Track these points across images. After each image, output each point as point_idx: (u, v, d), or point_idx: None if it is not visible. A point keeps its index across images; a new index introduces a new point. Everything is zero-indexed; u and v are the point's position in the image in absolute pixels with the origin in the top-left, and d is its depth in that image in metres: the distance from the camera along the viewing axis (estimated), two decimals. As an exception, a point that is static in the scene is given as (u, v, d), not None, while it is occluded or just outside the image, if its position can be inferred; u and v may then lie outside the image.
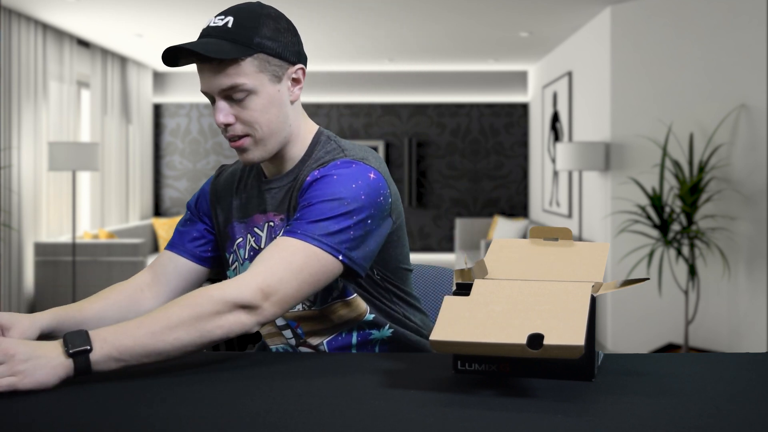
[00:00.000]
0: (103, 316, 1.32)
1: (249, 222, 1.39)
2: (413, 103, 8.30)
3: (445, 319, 1.03)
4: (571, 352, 0.94)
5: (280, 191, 1.35)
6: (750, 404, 0.94)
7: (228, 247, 1.42)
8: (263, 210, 1.37)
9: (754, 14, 4.45)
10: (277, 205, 1.35)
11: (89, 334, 1.05)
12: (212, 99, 1.29)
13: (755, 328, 4.42)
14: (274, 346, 1.42)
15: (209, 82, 1.25)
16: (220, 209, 1.43)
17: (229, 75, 1.24)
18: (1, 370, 0.98)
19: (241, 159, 1.32)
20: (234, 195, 1.43)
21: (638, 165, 4.91)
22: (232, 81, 1.24)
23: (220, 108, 1.26)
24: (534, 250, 1.25)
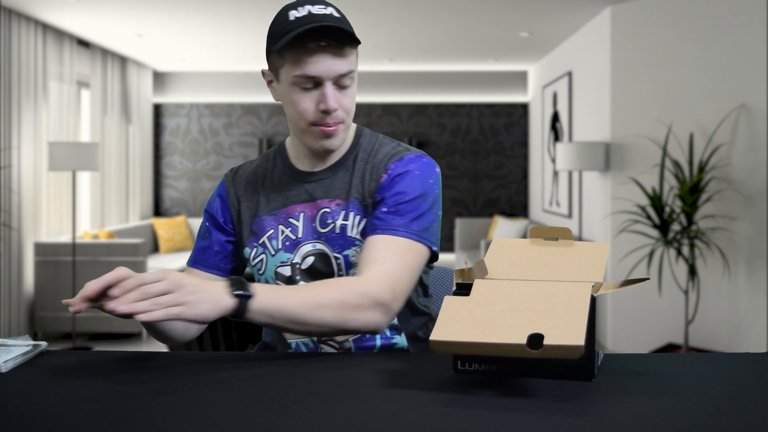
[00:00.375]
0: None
1: (280, 214, 1.40)
2: (413, 103, 8.30)
3: (445, 319, 1.03)
4: (571, 352, 0.94)
5: (334, 180, 1.39)
6: (750, 404, 0.94)
7: (251, 242, 1.41)
8: (306, 200, 1.39)
9: (754, 14, 4.45)
10: (331, 192, 1.39)
11: (252, 285, 1.13)
12: (313, 84, 1.29)
13: (755, 328, 4.42)
14: (294, 341, 1.41)
15: (327, 66, 1.27)
16: (245, 207, 1.43)
17: (346, 61, 1.29)
18: (171, 298, 1.05)
19: (324, 145, 1.34)
20: (260, 191, 1.44)
21: (638, 165, 4.91)
22: (348, 67, 1.29)
23: (330, 94, 1.29)
24: (534, 250, 1.25)
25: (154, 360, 1.18)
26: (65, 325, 5.29)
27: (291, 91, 1.31)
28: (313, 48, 1.26)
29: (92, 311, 5.28)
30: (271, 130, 8.29)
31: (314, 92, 1.30)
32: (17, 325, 5.18)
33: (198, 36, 6.23)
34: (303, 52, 1.27)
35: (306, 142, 1.36)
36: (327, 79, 1.29)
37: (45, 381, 1.05)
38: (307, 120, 1.32)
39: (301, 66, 1.28)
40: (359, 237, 1.35)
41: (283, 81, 1.33)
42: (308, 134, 1.34)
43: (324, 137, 1.33)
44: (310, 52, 1.27)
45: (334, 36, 1.26)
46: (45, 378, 1.06)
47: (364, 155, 1.41)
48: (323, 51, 1.27)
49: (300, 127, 1.34)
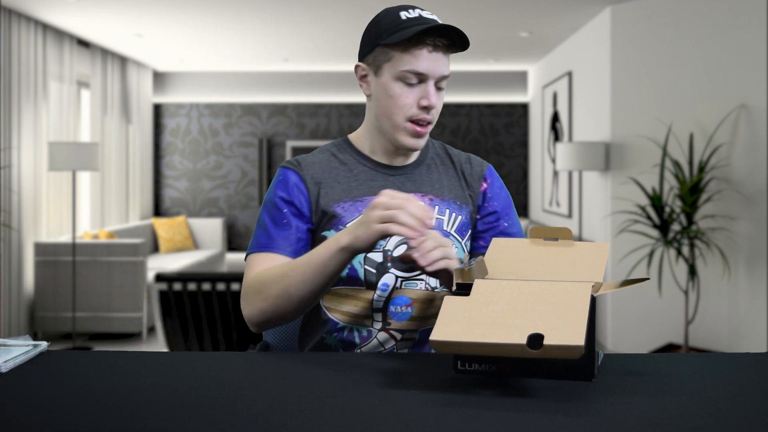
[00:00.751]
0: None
1: (366, 201, 1.42)
2: (413, 103, 8.29)
3: (445, 319, 1.03)
4: (571, 352, 0.94)
5: (421, 175, 1.47)
6: (750, 404, 0.94)
7: (337, 224, 1.40)
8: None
9: (754, 14, 4.45)
10: (422, 187, 1.46)
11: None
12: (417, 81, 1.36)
13: (755, 328, 4.42)
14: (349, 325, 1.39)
15: (435, 66, 1.36)
16: (325, 193, 1.43)
17: (447, 65, 1.38)
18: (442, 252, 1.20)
19: (413, 144, 1.41)
20: (338, 179, 1.45)
21: (638, 165, 4.90)
22: (448, 71, 1.39)
23: (432, 91, 1.37)
24: (534, 250, 1.25)
25: (154, 360, 1.18)
26: (65, 325, 5.29)
27: (393, 85, 1.37)
28: (428, 45, 1.34)
29: (92, 311, 5.28)
30: (271, 130, 8.29)
31: (416, 89, 1.37)
32: (17, 325, 5.18)
33: (198, 36, 6.23)
34: (416, 49, 1.34)
35: (396, 137, 1.41)
36: (432, 78, 1.36)
37: (45, 381, 1.05)
38: (405, 115, 1.38)
39: (411, 61, 1.35)
40: (454, 233, 1.44)
41: (386, 75, 1.38)
42: (401, 131, 1.39)
43: (415, 136, 1.39)
44: (424, 48, 1.34)
45: (452, 37, 1.34)
46: (45, 378, 1.06)
47: (438, 156, 1.52)
48: (436, 50, 1.35)
49: (395, 121, 1.39)
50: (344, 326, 1.40)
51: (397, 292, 1.38)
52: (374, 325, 1.38)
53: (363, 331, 1.39)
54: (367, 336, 1.39)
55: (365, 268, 1.39)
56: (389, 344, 1.38)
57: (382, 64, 1.39)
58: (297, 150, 8.21)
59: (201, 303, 3.50)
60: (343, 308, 1.40)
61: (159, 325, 3.64)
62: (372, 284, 1.38)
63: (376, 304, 1.38)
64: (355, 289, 1.39)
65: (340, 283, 1.39)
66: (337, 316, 1.40)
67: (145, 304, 5.38)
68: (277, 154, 8.27)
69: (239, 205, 8.30)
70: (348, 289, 1.39)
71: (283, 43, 6.57)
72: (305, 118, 8.29)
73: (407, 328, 1.38)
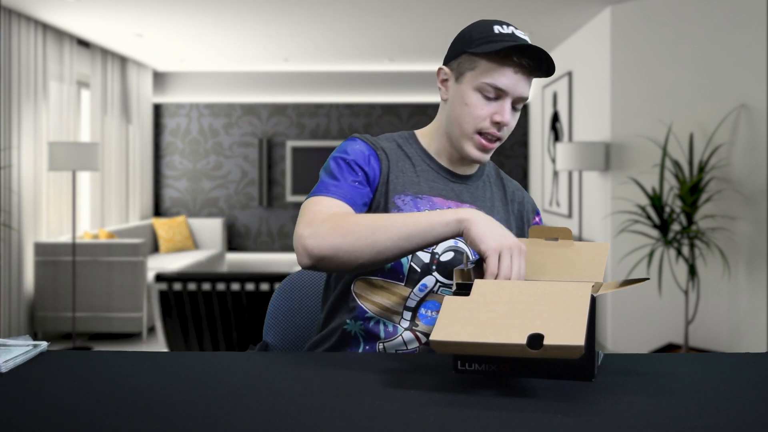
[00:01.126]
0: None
1: (426, 199, 1.41)
2: (413, 103, 8.30)
3: (445, 319, 1.03)
4: (571, 352, 0.94)
5: (477, 191, 1.48)
6: (750, 404, 0.94)
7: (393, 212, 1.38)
8: (453, 198, 1.44)
9: (754, 14, 4.45)
10: (476, 201, 1.46)
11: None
12: (495, 95, 1.36)
13: (755, 328, 4.42)
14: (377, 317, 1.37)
15: (516, 85, 1.36)
16: (394, 177, 1.42)
17: (528, 88, 1.38)
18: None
19: (478, 157, 1.41)
20: (400, 170, 1.43)
21: (638, 165, 4.90)
22: (528, 94, 1.39)
23: (507, 110, 1.37)
24: (534, 250, 1.25)
25: (154, 360, 1.18)
26: (65, 325, 5.29)
27: (471, 94, 1.38)
28: (515, 63, 1.34)
29: (92, 311, 5.28)
30: (271, 130, 8.29)
31: (492, 103, 1.37)
32: (17, 325, 5.18)
33: (198, 36, 6.23)
34: (502, 64, 1.35)
35: (462, 146, 1.41)
36: (510, 96, 1.36)
37: (45, 381, 1.05)
38: (476, 126, 1.38)
39: (494, 75, 1.35)
40: None
41: (466, 83, 1.38)
42: (468, 140, 1.40)
43: (481, 149, 1.40)
44: (509, 65, 1.35)
45: (539, 60, 1.34)
46: (45, 378, 1.06)
47: (491, 175, 1.53)
48: (521, 70, 1.35)
49: (465, 130, 1.39)
50: (372, 317, 1.38)
51: (432, 296, 1.37)
52: (401, 323, 1.37)
53: (389, 326, 1.37)
54: (392, 332, 1.37)
55: (411, 264, 1.37)
56: (413, 345, 1.37)
57: (465, 71, 1.39)
58: (297, 150, 8.21)
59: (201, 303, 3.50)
60: (375, 299, 1.38)
61: (159, 325, 3.64)
62: (412, 282, 1.37)
63: (410, 302, 1.37)
64: (391, 283, 1.37)
65: (379, 273, 1.38)
66: (367, 305, 1.38)
67: (145, 304, 5.38)
68: (277, 154, 8.27)
69: (239, 205, 8.30)
70: (384, 281, 1.38)
71: (283, 43, 6.57)
72: (305, 118, 8.29)
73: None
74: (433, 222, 1.22)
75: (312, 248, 1.26)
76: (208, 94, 8.30)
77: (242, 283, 3.48)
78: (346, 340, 1.40)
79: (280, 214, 8.32)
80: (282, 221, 8.33)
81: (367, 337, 1.38)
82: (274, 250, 8.35)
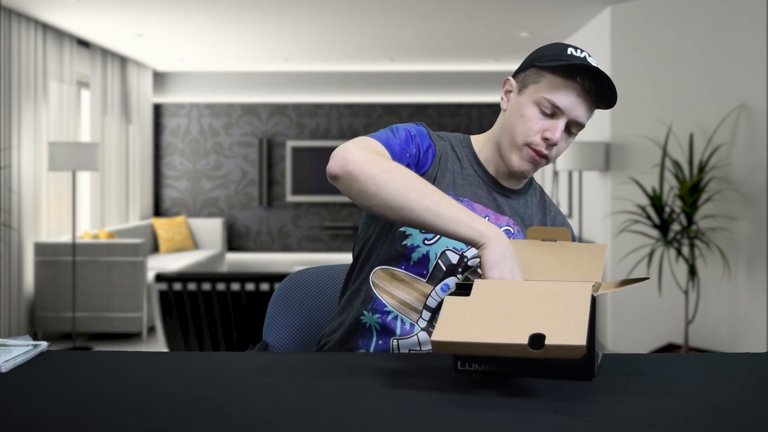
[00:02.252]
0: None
1: (466, 203, 1.40)
2: (413, 103, 8.30)
3: (446, 320, 1.03)
4: (573, 352, 0.94)
5: (518, 206, 1.46)
6: (750, 404, 0.94)
7: None
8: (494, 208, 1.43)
9: (754, 14, 4.45)
10: (515, 216, 1.45)
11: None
12: (551, 112, 1.36)
13: (755, 328, 4.42)
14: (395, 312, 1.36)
15: (576, 109, 1.35)
16: (440, 172, 1.42)
17: (588, 115, 1.38)
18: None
19: (524, 168, 1.39)
20: (448, 168, 1.43)
21: (638, 165, 4.90)
22: (585, 121, 1.38)
23: (560, 127, 1.35)
24: (532, 250, 1.25)
25: (154, 360, 1.18)
26: (65, 325, 5.29)
27: (529, 107, 1.37)
28: (577, 84, 1.34)
29: (92, 311, 5.28)
30: (271, 130, 8.29)
31: (547, 120, 1.37)
32: (17, 325, 5.18)
33: (198, 36, 6.23)
34: (566, 83, 1.34)
35: (508, 156, 1.40)
36: (566, 116, 1.35)
37: (45, 381, 1.05)
38: (526, 138, 1.37)
39: (554, 92, 1.35)
40: None
41: (527, 95, 1.38)
42: (516, 151, 1.39)
43: (528, 161, 1.39)
44: (572, 86, 1.34)
45: (603, 88, 1.33)
46: (45, 378, 1.06)
47: (536, 199, 1.51)
48: (583, 93, 1.34)
49: (514, 140, 1.39)
50: (391, 311, 1.36)
51: None
52: (419, 322, 1.36)
53: (406, 324, 1.36)
54: (408, 330, 1.36)
55: (438, 262, 1.36)
56: (427, 347, 1.35)
57: (529, 84, 1.40)
58: (297, 150, 8.21)
59: (201, 303, 3.50)
60: (394, 291, 1.37)
61: (159, 325, 3.64)
62: (434, 280, 1.36)
63: (431, 301, 1.36)
64: (414, 278, 1.36)
65: (403, 264, 1.37)
66: (385, 297, 1.37)
67: (145, 304, 5.38)
68: (277, 154, 8.27)
69: (239, 205, 8.30)
70: (406, 275, 1.37)
71: (283, 43, 6.57)
72: (305, 118, 8.29)
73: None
74: (462, 219, 1.19)
75: (350, 161, 1.22)
76: (208, 94, 8.30)
77: (242, 283, 3.48)
78: (360, 331, 1.38)
79: (280, 214, 8.32)
80: (282, 221, 8.33)
81: (381, 331, 1.36)
82: (274, 250, 8.35)
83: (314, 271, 1.67)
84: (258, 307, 3.47)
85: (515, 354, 0.97)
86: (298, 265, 7.42)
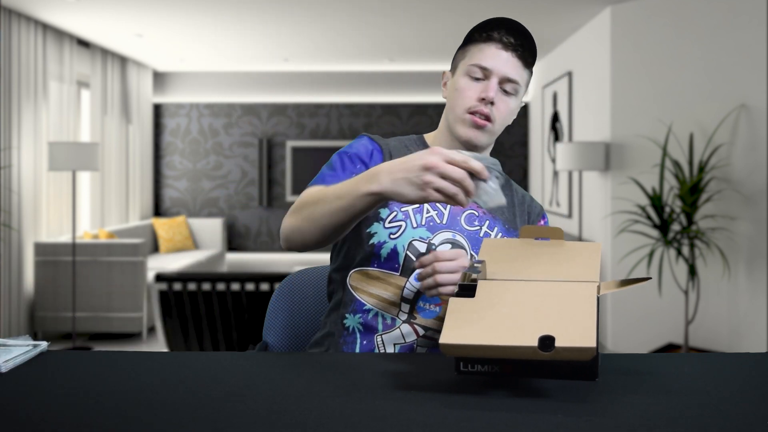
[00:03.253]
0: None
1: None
2: (413, 103, 8.30)
3: (453, 322, 1.02)
4: (583, 354, 0.94)
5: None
6: (750, 404, 0.94)
7: (392, 204, 1.40)
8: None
9: (754, 14, 4.45)
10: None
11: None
12: (482, 76, 1.40)
13: (755, 328, 4.42)
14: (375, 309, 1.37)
15: (501, 64, 1.40)
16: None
17: (517, 72, 1.41)
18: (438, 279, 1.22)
19: (471, 136, 1.42)
20: None
21: (638, 165, 4.90)
22: (517, 76, 1.41)
23: (492, 87, 1.39)
24: (526, 250, 1.24)
25: (154, 360, 1.18)
26: (65, 325, 5.29)
27: (461, 80, 1.43)
28: (496, 40, 1.40)
29: (92, 311, 5.28)
30: (271, 130, 8.29)
31: (480, 83, 1.41)
32: (17, 325, 5.18)
33: (198, 36, 6.23)
34: (486, 44, 1.41)
35: (456, 129, 1.44)
36: (495, 75, 1.40)
37: (45, 381, 1.05)
38: (465, 106, 1.41)
39: (478, 56, 1.41)
40: None
41: (457, 72, 1.45)
42: (460, 122, 1.43)
43: (473, 127, 1.41)
44: (493, 44, 1.40)
45: (519, 37, 1.39)
46: (45, 378, 1.06)
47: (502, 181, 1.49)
48: (504, 48, 1.40)
49: (456, 113, 1.43)
50: (370, 309, 1.37)
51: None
52: (400, 315, 1.37)
53: (387, 319, 1.37)
54: (390, 324, 1.37)
55: (407, 253, 1.38)
56: (411, 338, 1.36)
57: (458, 63, 1.47)
58: (297, 150, 8.21)
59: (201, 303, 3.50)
60: (372, 290, 1.38)
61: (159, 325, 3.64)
62: (407, 271, 1.37)
63: (407, 293, 1.37)
64: (387, 273, 1.38)
65: (375, 263, 1.38)
66: (364, 297, 1.38)
67: (145, 304, 5.38)
68: (277, 154, 8.27)
69: (239, 205, 8.30)
70: (380, 272, 1.38)
71: (283, 43, 6.57)
72: (305, 118, 8.29)
73: (432, 327, 1.37)
74: (352, 197, 1.20)
75: (282, 235, 1.36)
76: (208, 94, 8.30)
77: (242, 283, 3.48)
78: (343, 336, 1.39)
79: (280, 214, 8.31)
80: (282, 221, 8.33)
81: (365, 331, 1.37)
82: (274, 250, 8.35)
83: (314, 271, 1.67)
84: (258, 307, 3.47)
85: (525, 356, 0.96)
86: (298, 265, 7.42)
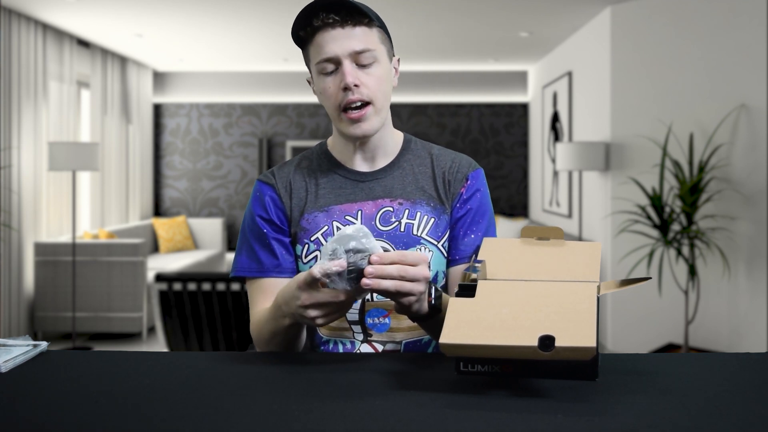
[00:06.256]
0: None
1: (333, 210, 1.39)
2: (413, 103, 8.30)
3: (453, 322, 1.02)
4: (584, 354, 0.94)
5: (392, 180, 1.40)
6: (750, 404, 0.94)
7: (302, 238, 1.39)
8: (363, 198, 1.39)
9: (754, 14, 4.45)
10: (393, 192, 1.39)
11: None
12: (333, 66, 1.31)
13: (755, 328, 4.42)
14: (332, 338, 1.39)
15: (341, 44, 1.29)
16: (295, 204, 1.41)
17: (362, 39, 1.30)
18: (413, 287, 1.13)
19: (356, 131, 1.34)
20: (308, 188, 1.42)
21: (638, 165, 4.90)
22: (364, 45, 1.30)
23: (348, 71, 1.29)
24: (527, 249, 1.24)
25: (154, 360, 1.18)
26: (65, 325, 5.29)
27: (319, 80, 1.34)
28: (322, 27, 1.30)
29: (92, 311, 5.28)
30: (271, 130, 8.29)
31: (336, 75, 1.32)
32: (17, 325, 5.18)
33: (198, 36, 6.23)
34: (316, 37, 1.31)
35: (342, 131, 1.36)
36: (343, 57, 1.30)
37: (45, 381, 1.05)
38: (335, 104, 1.32)
39: (317, 52, 1.31)
40: (426, 236, 1.37)
41: (314, 77, 1.36)
42: (341, 122, 1.34)
43: (353, 123, 1.33)
44: (321, 32, 1.30)
45: (338, 9, 1.28)
46: (45, 378, 1.06)
47: (421, 159, 1.44)
48: (331, 28, 1.29)
49: (333, 115, 1.35)
50: (328, 339, 1.39)
51: (370, 304, 1.36)
52: (356, 337, 1.37)
53: (347, 344, 1.38)
54: (350, 348, 1.38)
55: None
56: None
57: (310, 68, 1.37)
58: (297, 150, 8.21)
59: (201, 303, 3.50)
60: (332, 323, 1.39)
61: (159, 325, 3.64)
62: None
63: (351, 316, 1.36)
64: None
65: None
66: (320, 330, 1.40)
67: (145, 304, 5.38)
68: (277, 154, 8.27)
69: (239, 205, 8.30)
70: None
71: (283, 43, 6.57)
72: (305, 118, 8.29)
73: (389, 339, 1.37)
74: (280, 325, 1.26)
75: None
76: (208, 94, 8.30)
77: (242, 283, 3.48)
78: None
79: (280, 214, 8.31)
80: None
81: None
82: (274, 250, 8.34)
83: (314, 271, 1.67)
84: (258, 307, 3.46)
85: (525, 356, 0.96)
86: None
